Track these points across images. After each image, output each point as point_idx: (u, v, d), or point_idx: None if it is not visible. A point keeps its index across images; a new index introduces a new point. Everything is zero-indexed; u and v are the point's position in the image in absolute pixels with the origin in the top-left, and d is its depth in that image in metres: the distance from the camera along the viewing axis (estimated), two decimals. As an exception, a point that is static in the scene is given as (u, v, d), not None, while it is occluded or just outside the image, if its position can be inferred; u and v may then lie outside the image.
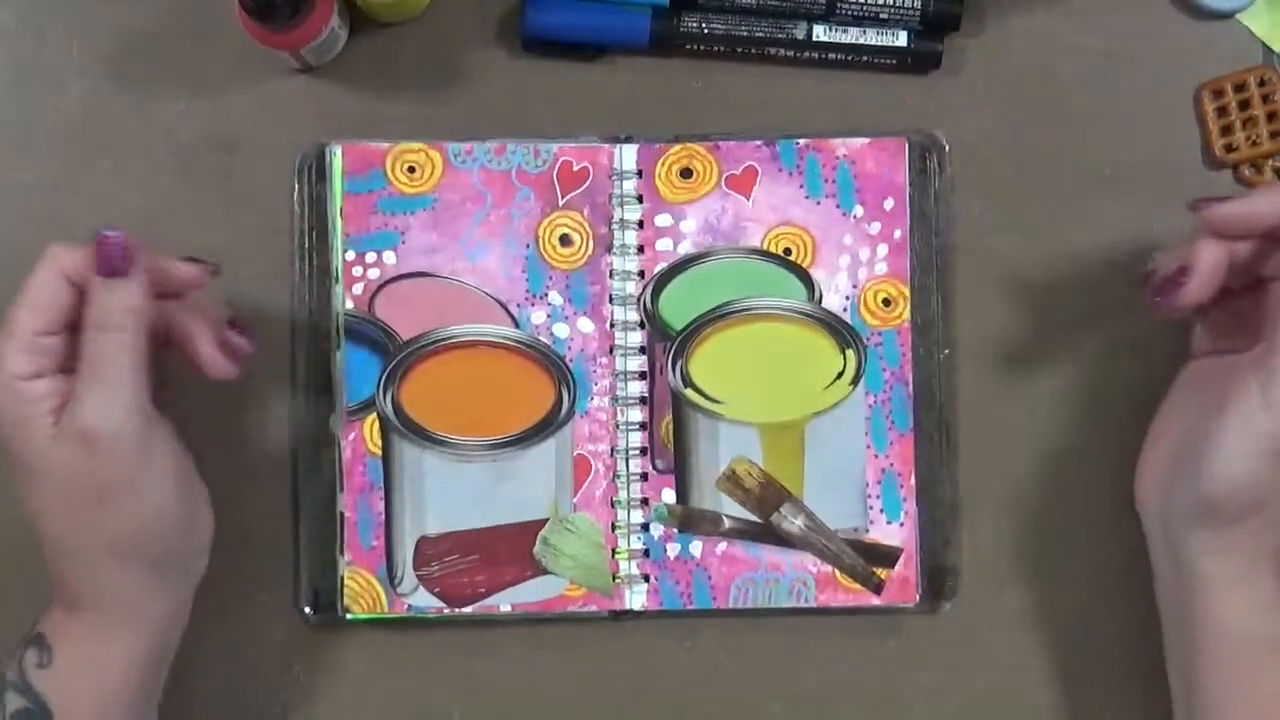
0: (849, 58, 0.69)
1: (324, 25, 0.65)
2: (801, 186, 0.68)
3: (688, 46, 0.69)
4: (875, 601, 0.68)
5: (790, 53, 0.69)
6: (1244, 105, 0.69)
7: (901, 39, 0.69)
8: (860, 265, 0.68)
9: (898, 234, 0.68)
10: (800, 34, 0.69)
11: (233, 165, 0.69)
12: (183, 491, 0.61)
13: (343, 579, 0.67)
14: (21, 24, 0.70)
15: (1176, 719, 0.63)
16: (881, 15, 0.68)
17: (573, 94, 0.70)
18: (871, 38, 0.69)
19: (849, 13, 0.68)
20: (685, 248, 0.68)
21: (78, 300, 0.59)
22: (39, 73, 0.70)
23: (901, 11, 0.68)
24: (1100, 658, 0.68)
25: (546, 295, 0.68)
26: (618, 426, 0.68)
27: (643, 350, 0.68)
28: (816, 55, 0.69)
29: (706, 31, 0.69)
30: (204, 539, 0.63)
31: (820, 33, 0.69)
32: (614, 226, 0.68)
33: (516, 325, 0.68)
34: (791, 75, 0.70)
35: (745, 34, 0.69)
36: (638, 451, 0.68)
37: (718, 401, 0.68)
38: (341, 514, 0.67)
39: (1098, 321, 0.69)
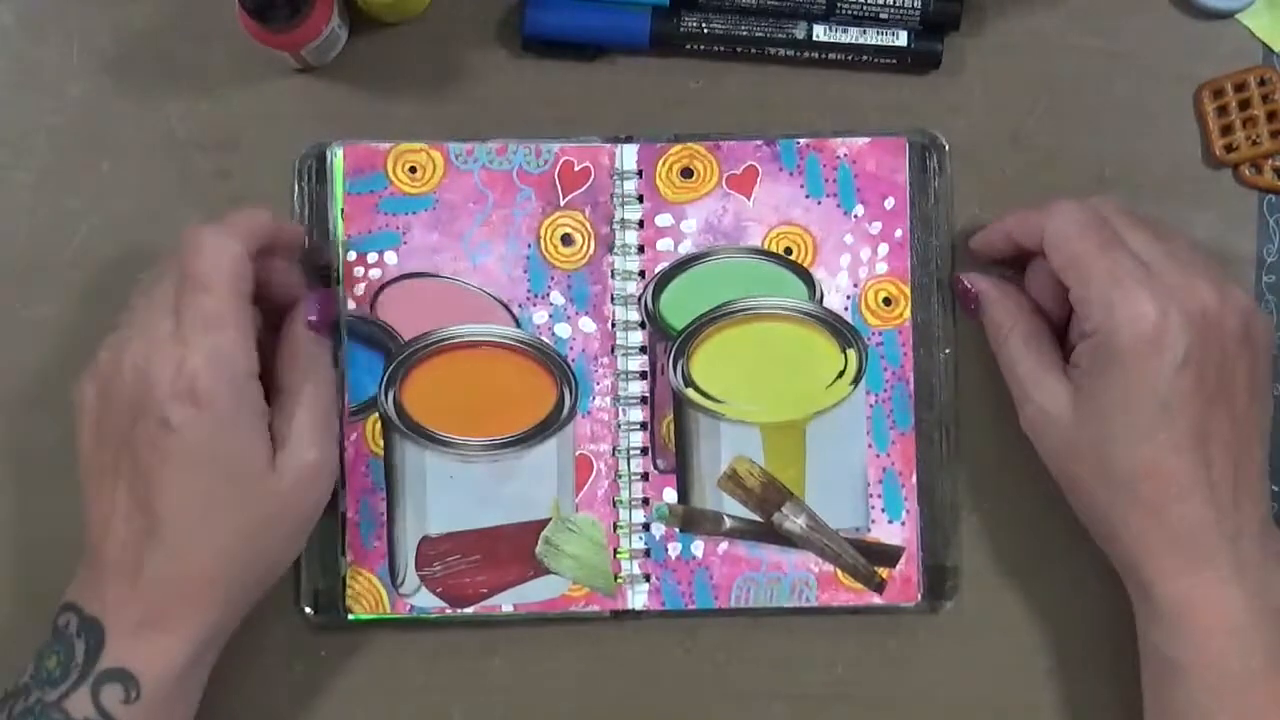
0: (849, 58, 0.69)
1: (324, 25, 0.65)
2: (802, 186, 0.68)
3: (688, 46, 0.69)
4: (877, 601, 0.68)
5: (790, 53, 0.69)
6: (1244, 105, 0.69)
7: (901, 39, 0.69)
8: (861, 265, 0.68)
9: (899, 233, 0.68)
10: (800, 34, 0.69)
11: (233, 165, 0.69)
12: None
13: (345, 579, 0.67)
14: (21, 24, 0.70)
15: None
16: (881, 15, 0.69)
17: (573, 94, 0.70)
18: (871, 38, 0.69)
19: (849, 13, 0.68)
20: (686, 247, 0.68)
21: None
22: (39, 73, 0.70)
23: (901, 11, 0.68)
24: (1100, 657, 0.68)
25: (548, 295, 0.68)
26: (619, 426, 0.68)
27: (644, 350, 0.68)
28: (816, 55, 0.69)
29: (706, 31, 0.69)
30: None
31: (820, 33, 0.69)
32: (615, 226, 0.68)
33: (518, 325, 0.68)
34: (791, 75, 0.70)
35: (745, 34, 0.69)
36: (639, 451, 0.68)
37: (719, 401, 0.68)
38: (343, 514, 0.67)
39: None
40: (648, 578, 0.68)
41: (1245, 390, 0.61)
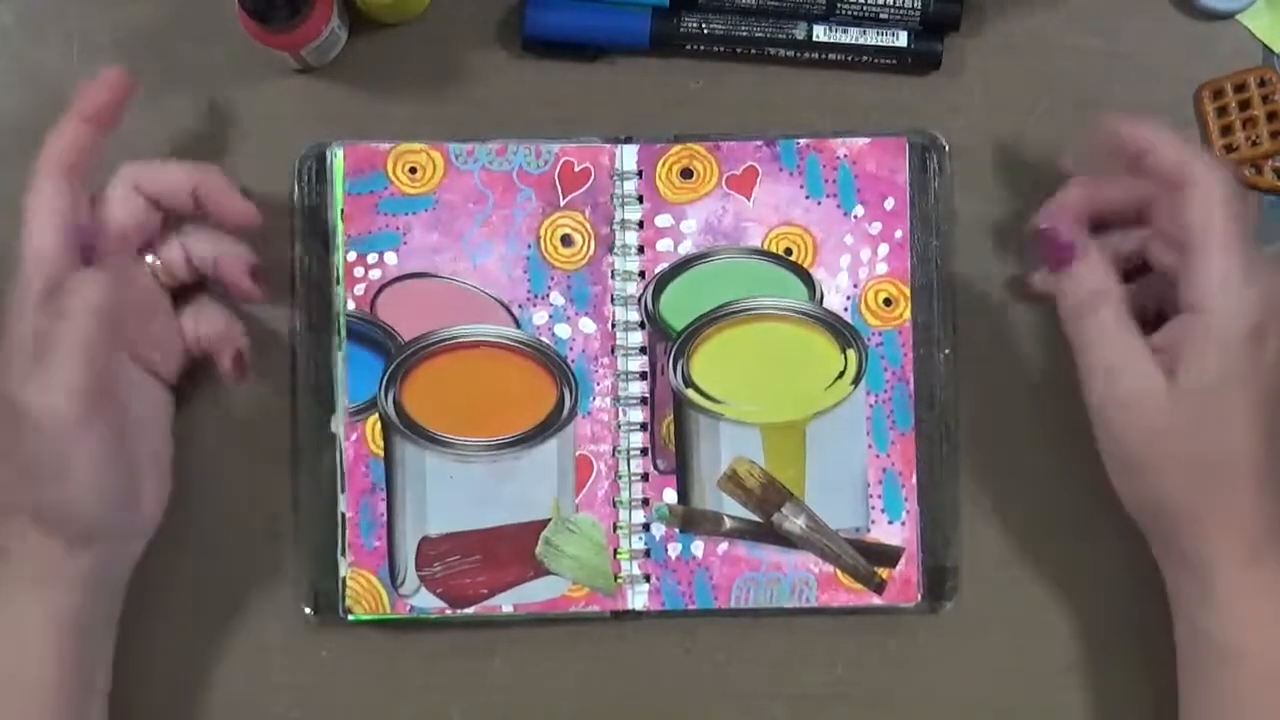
0: (849, 58, 0.69)
1: (324, 25, 0.65)
2: (802, 186, 0.68)
3: (688, 47, 0.69)
4: (877, 601, 0.68)
5: (790, 53, 0.69)
6: (1244, 105, 0.69)
7: (901, 39, 0.69)
8: (861, 265, 0.68)
9: (899, 234, 0.68)
10: (800, 34, 0.69)
11: (233, 165, 0.69)
12: (122, 478, 0.61)
13: (344, 580, 0.67)
14: (21, 24, 0.70)
15: None
16: (881, 15, 0.69)
17: (573, 94, 0.70)
18: (871, 38, 0.69)
19: (849, 13, 0.68)
20: (686, 248, 0.68)
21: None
22: (39, 73, 0.69)
23: (901, 12, 0.68)
24: (1101, 658, 0.68)
25: (548, 295, 0.68)
26: (619, 427, 0.68)
27: (644, 350, 0.68)
28: (816, 55, 0.69)
29: (706, 32, 0.69)
30: (142, 525, 0.64)
31: (820, 33, 0.69)
32: (615, 227, 0.68)
33: (518, 326, 0.68)
34: (791, 75, 0.70)
35: (745, 34, 0.69)
36: (639, 452, 0.68)
37: (719, 401, 0.68)
38: (343, 515, 0.67)
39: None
40: (648, 578, 0.68)
41: None
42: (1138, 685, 0.65)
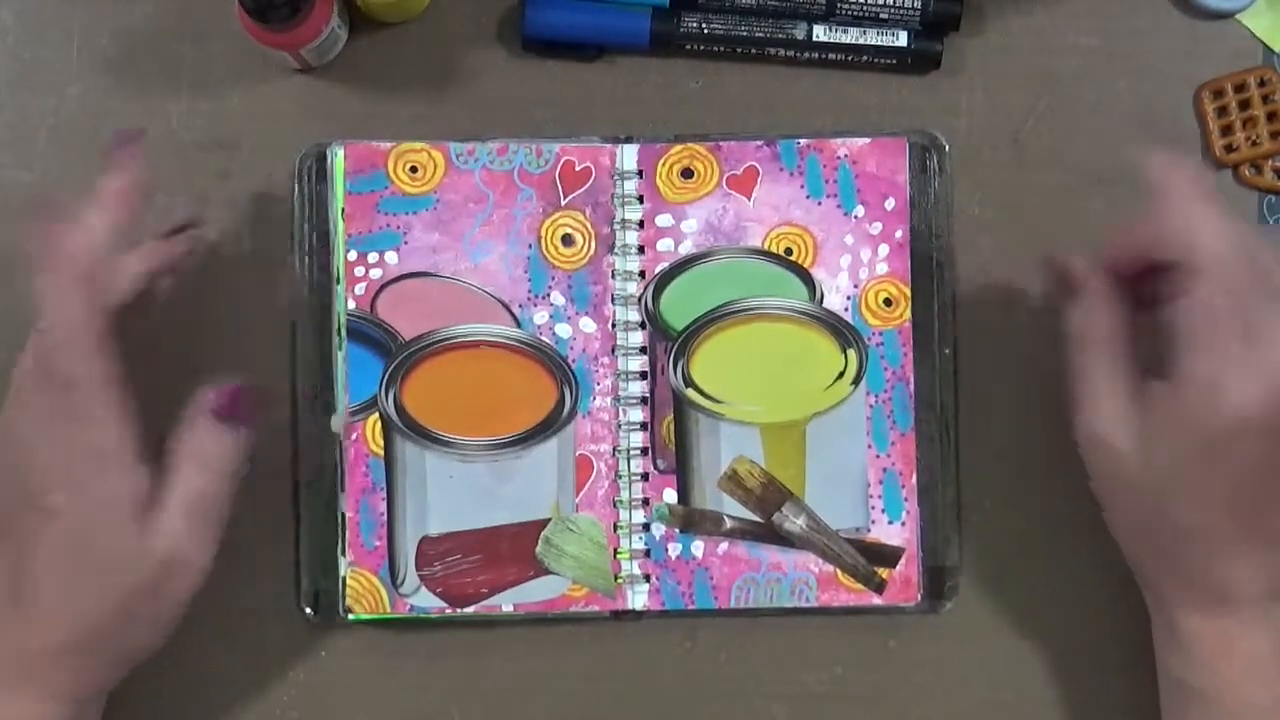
0: (849, 58, 0.69)
1: (324, 25, 0.65)
2: (803, 186, 0.68)
3: (688, 46, 0.69)
4: (877, 601, 0.68)
5: (790, 53, 0.69)
6: (1244, 105, 0.69)
7: (901, 39, 0.69)
8: (861, 265, 0.68)
9: (899, 234, 0.68)
10: (800, 34, 0.69)
11: (233, 165, 0.69)
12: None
13: (344, 579, 0.67)
14: (21, 24, 0.70)
15: None
16: (881, 15, 0.69)
17: (573, 94, 0.70)
18: (871, 38, 0.69)
19: (849, 13, 0.69)
20: (686, 248, 0.68)
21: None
22: (39, 73, 0.69)
23: (901, 11, 0.68)
24: (1100, 659, 0.68)
25: (549, 295, 0.68)
26: (619, 426, 0.68)
27: (644, 350, 0.68)
28: (816, 55, 0.69)
29: (706, 32, 0.69)
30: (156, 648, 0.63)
31: (820, 33, 0.69)
32: (616, 226, 0.68)
33: (519, 325, 0.68)
34: (791, 75, 0.70)
35: (745, 34, 0.69)
36: (639, 451, 0.68)
37: (719, 401, 0.68)
38: (343, 514, 0.67)
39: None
40: (648, 578, 0.68)
41: None
42: (1137, 686, 0.65)
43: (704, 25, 0.69)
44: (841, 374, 0.68)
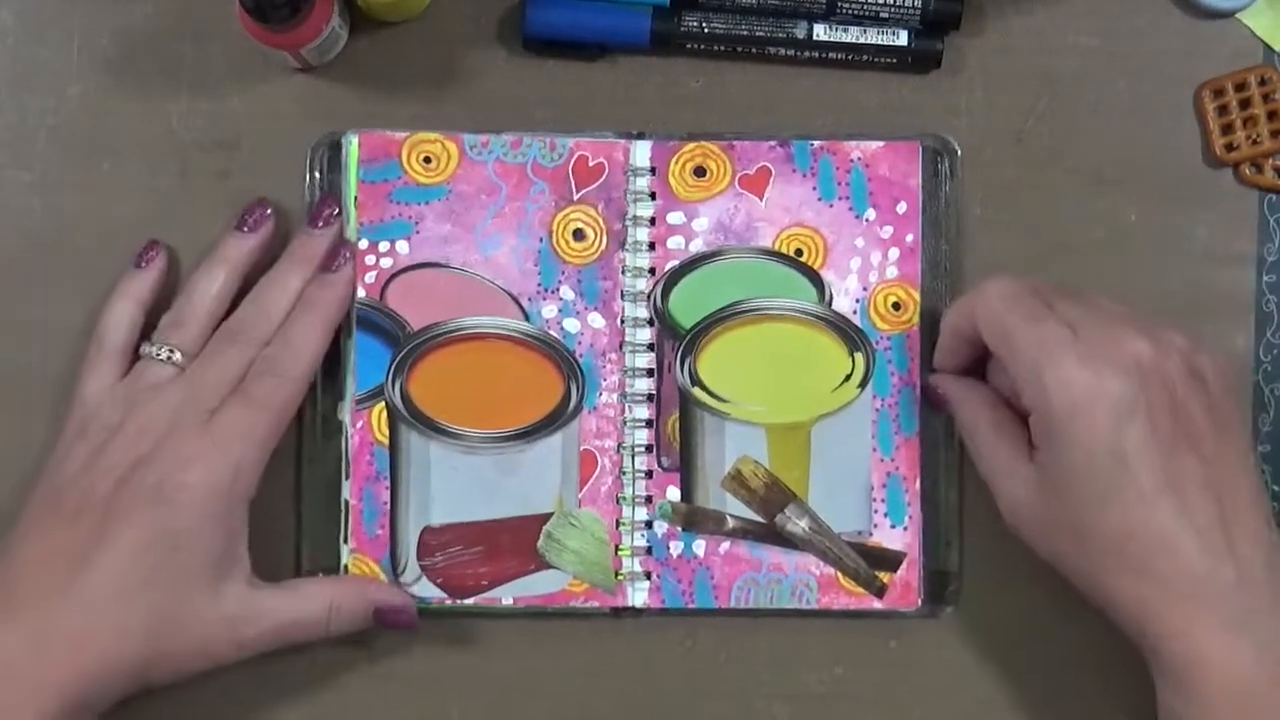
0: (849, 57, 0.69)
1: (324, 25, 0.65)
2: (815, 188, 0.68)
3: (688, 46, 0.69)
4: (877, 605, 0.68)
5: (790, 52, 0.69)
6: (1244, 104, 0.69)
7: (902, 38, 0.69)
8: (871, 269, 0.68)
9: (910, 238, 0.68)
10: (800, 33, 0.69)
11: (233, 165, 0.69)
12: None
13: (346, 567, 0.67)
14: (21, 24, 0.70)
15: None
16: (882, 15, 0.69)
17: (573, 94, 0.70)
18: (872, 37, 0.69)
19: (849, 12, 0.69)
20: (697, 246, 0.68)
21: None
22: (39, 73, 0.69)
23: (902, 11, 0.69)
24: (1100, 664, 0.68)
25: (558, 289, 0.68)
26: (625, 423, 0.68)
27: (651, 347, 0.68)
28: (817, 55, 0.69)
29: (707, 31, 0.69)
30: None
31: (820, 32, 0.69)
32: (627, 222, 0.68)
33: (527, 319, 0.68)
34: (792, 74, 0.70)
35: (745, 33, 0.69)
36: (644, 448, 0.68)
37: (725, 401, 0.68)
38: (346, 502, 0.67)
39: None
40: (648, 575, 0.68)
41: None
42: (1137, 691, 0.64)
43: (704, 24, 0.69)
44: (848, 377, 0.68)
